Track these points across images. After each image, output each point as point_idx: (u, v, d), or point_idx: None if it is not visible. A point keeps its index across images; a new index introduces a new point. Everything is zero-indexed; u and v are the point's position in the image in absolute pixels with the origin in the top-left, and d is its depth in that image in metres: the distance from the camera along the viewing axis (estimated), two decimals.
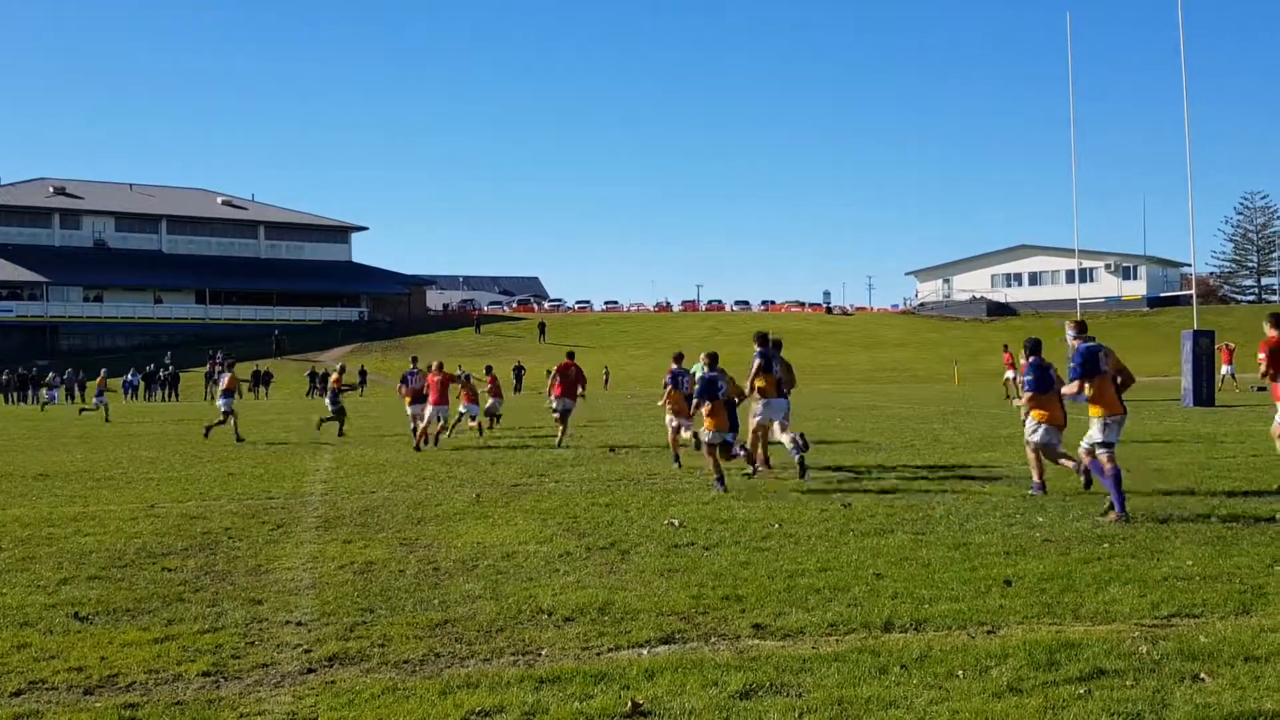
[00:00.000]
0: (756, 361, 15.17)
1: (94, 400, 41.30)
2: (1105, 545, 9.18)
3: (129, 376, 59.65)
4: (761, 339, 15.54)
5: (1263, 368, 12.95)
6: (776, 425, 15.08)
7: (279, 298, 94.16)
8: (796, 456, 14.29)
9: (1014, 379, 36.91)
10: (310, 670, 5.95)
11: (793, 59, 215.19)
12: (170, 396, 58.21)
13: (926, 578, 7.99)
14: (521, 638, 6.56)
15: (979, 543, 9.42)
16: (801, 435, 14.75)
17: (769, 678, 5.58)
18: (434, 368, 22.21)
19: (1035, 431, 12.20)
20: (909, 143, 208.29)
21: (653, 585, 7.98)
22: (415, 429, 21.80)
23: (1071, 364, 11.18)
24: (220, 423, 25.13)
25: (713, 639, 6.46)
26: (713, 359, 14.63)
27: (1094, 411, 11.02)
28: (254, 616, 7.25)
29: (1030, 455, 12.51)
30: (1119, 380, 11.16)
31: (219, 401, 25.54)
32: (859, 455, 18.00)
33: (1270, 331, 12.90)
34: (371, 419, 33.57)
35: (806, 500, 12.41)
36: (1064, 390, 11.65)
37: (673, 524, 10.86)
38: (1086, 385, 10.97)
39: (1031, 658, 5.83)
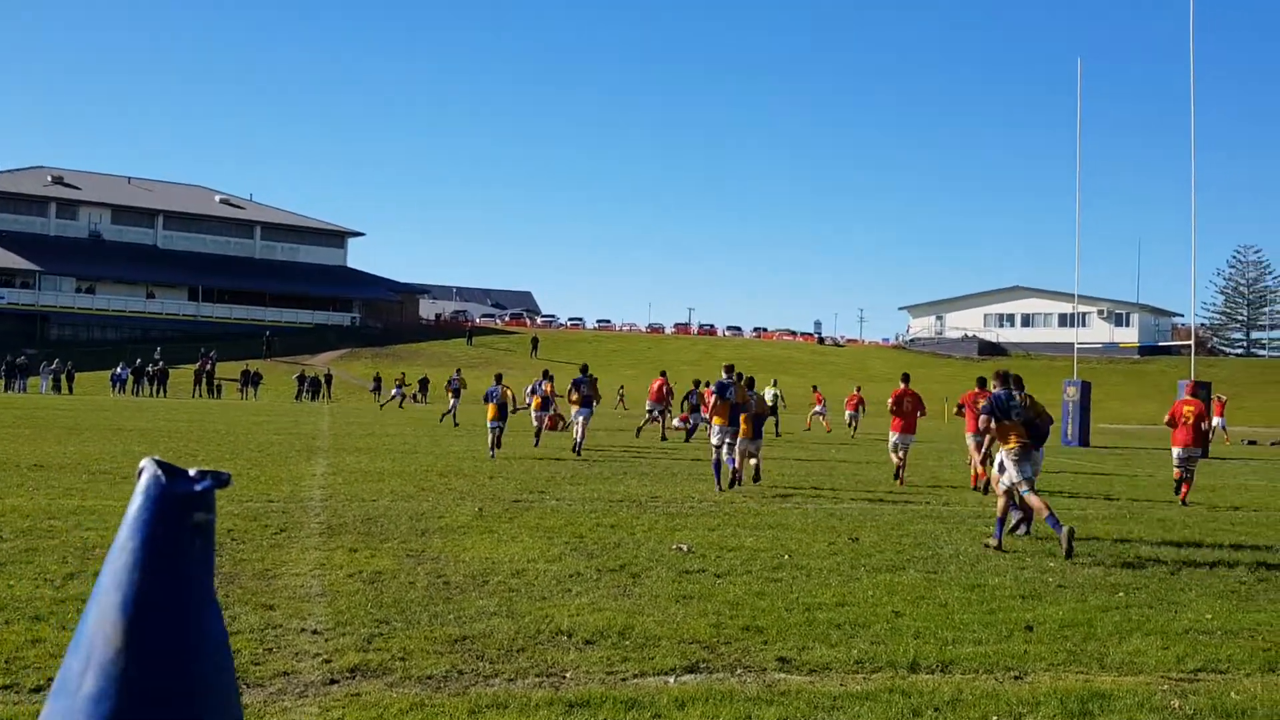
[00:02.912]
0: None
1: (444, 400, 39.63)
2: (1121, 594, 9.14)
3: (118, 370, 59.38)
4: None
5: (957, 411, 18.47)
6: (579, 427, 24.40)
7: (271, 299, 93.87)
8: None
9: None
10: (333, 681, 5.85)
11: (793, 91, 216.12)
12: (159, 392, 57.94)
13: (946, 618, 7.93)
14: (544, 659, 6.47)
15: (993, 585, 9.37)
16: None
17: (802, 714, 5.50)
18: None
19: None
20: (905, 177, 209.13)
21: (669, 611, 7.90)
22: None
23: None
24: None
25: (738, 670, 6.38)
26: (544, 374, 28.70)
27: (716, 421, 17.31)
28: (268, 622, 7.14)
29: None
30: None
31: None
32: (859, 492, 17.96)
33: (983, 388, 17.48)
34: (362, 424, 33.51)
35: (814, 532, 12.36)
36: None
37: (680, 549, 10.79)
38: (714, 408, 17.56)
39: (1064, 707, 5.76)
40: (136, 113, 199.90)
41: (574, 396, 24.77)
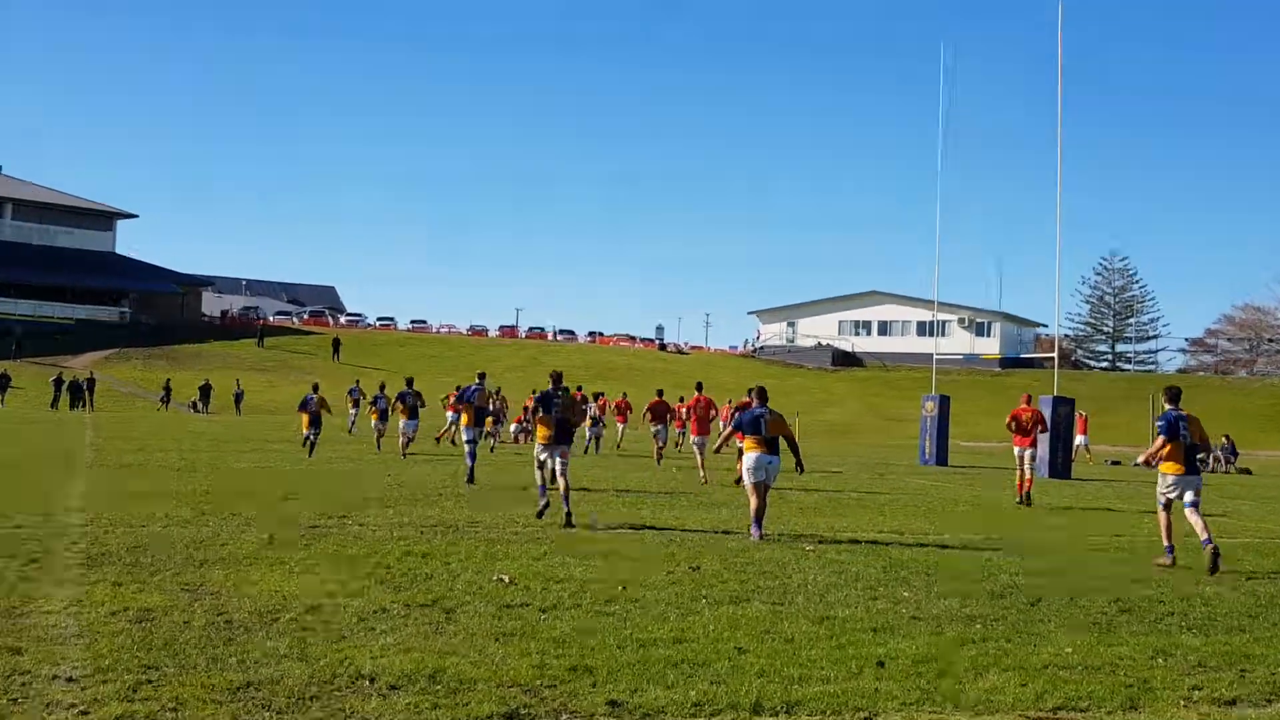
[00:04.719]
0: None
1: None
2: (978, 626, 9.49)
3: None
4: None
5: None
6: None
7: (23, 289, 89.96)
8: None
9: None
10: None
11: (633, 80, 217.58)
12: None
13: (792, 654, 8.11)
14: (341, 707, 6.38)
15: (843, 617, 9.62)
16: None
17: None
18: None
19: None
20: (756, 171, 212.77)
21: (487, 651, 7.88)
22: None
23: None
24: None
25: (563, 716, 6.40)
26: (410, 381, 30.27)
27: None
28: (14, 668, 6.87)
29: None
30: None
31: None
32: (700, 513, 18.21)
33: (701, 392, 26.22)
34: (131, 437, 32.44)
35: (651, 561, 12.48)
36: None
37: (502, 581, 10.76)
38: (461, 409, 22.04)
39: None
40: None
41: (401, 407, 29.28)
